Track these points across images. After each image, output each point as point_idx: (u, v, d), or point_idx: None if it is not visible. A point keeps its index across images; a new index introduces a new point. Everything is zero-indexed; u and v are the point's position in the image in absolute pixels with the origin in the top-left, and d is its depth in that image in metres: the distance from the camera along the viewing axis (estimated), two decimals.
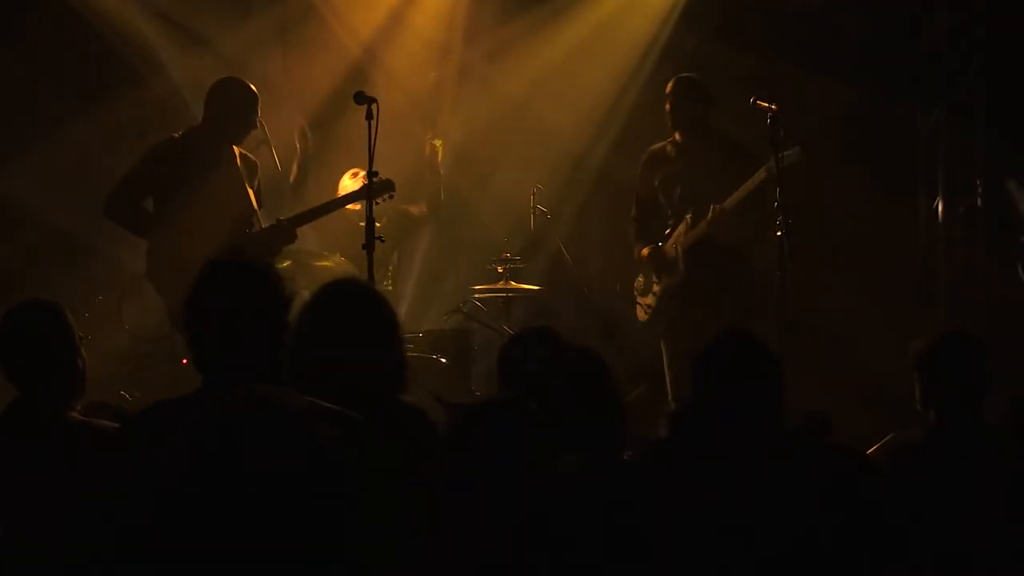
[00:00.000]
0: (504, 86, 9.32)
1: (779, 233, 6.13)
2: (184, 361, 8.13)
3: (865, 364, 7.94)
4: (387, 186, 6.70)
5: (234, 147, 6.79)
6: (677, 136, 7.12)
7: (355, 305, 3.75)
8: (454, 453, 3.25)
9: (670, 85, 7.16)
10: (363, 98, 6.01)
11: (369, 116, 5.96)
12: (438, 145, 8.42)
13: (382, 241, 6.17)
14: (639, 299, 7.46)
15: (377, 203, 6.38)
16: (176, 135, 6.83)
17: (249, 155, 6.89)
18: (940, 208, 8.53)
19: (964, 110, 8.45)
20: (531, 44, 9.31)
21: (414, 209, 8.36)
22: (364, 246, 6.00)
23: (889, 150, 8.55)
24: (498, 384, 4.31)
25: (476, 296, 8.26)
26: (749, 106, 6.43)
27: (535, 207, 8.34)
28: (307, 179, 7.98)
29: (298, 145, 8.12)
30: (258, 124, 6.81)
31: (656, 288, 7.25)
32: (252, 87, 6.82)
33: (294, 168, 8.01)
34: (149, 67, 9.16)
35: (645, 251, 7.23)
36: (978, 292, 8.35)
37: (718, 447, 3.60)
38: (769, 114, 6.33)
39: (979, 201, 8.38)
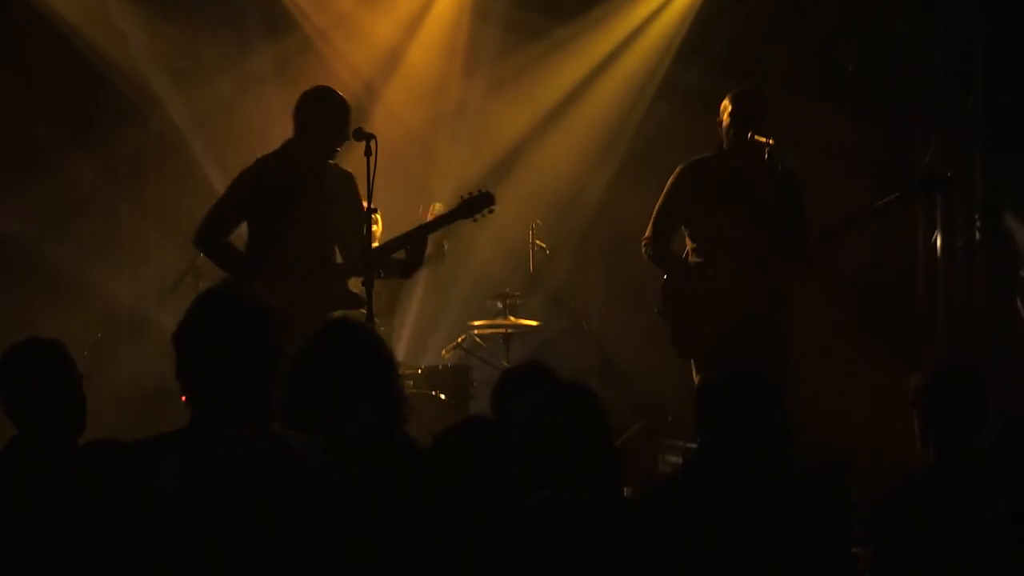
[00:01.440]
0: (503, 120, 9.38)
1: None
2: (184, 398, 8.15)
3: (863, 399, 7.96)
4: (486, 200, 6.21)
5: (328, 163, 6.26)
6: (737, 153, 6.46)
7: (351, 344, 3.81)
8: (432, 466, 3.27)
9: (737, 99, 6.50)
10: (362, 134, 6.00)
11: (368, 152, 5.95)
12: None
13: (381, 276, 6.19)
14: (680, 325, 6.58)
15: (475, 219, 6.20)
16: (266, 154, 6.35)
17: (346, 172, 6.28)
18: (939, 242, 8.56)
19: (963, 144, 8.49)
20: (530, 79, 9.38)
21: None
22: (363, 282, 6.01)
23: (887, 183, 8.58)
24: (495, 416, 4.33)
25: (475, 332, 8.29)
26: (747, 141, 6.44)
27: (534, 243, 8.37)
28: None
29: None
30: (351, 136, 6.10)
31: (708, 313, 6.44)
32: (341, 96, 6.31)
33: None
34: (147, 104, 9.22)
35: (705, 273, 6.47)
36: (978, 326, 8.38)
37: (721, 484, 3.63)
38: (767, 148, 6.36)
39: (977, 235, 8.41)
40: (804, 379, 6.56)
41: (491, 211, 6.23)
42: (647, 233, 6.64)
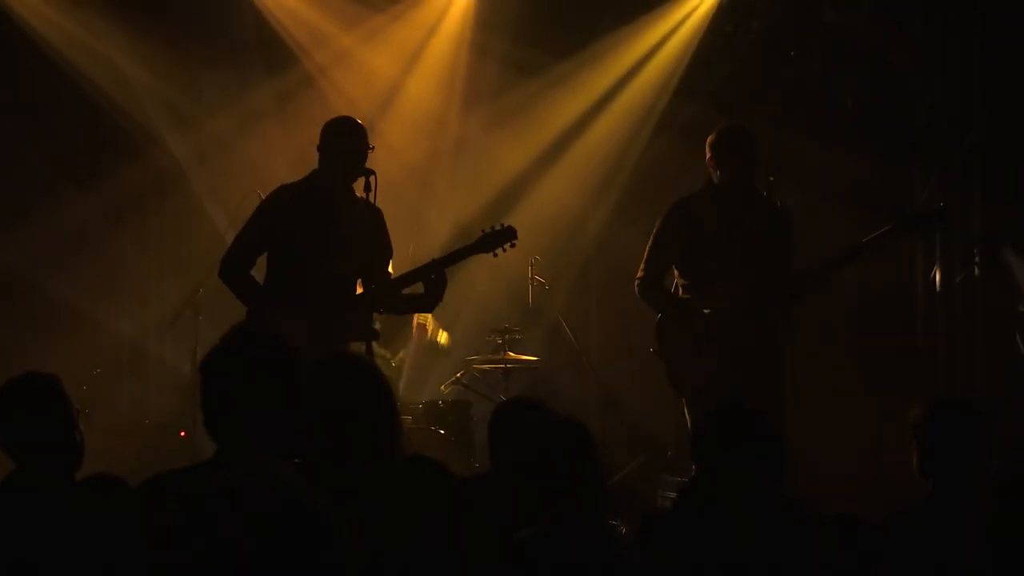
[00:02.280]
0: (502, 155, 9.41)
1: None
2: (182, 433, 8.18)
3: (862, 433, 7.96)
4: (508, 234, 6.18)
5: (356, 195, 6.17)
6: (727, 189, 6.45)
7: (353, 380, 3.83)
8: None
9: (726, 134, 6.49)
10: (361, 171, 6.05)
11: (367, 188, 5.99)
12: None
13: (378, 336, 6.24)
14: (673, 364, 6.54)
15: (495, 254, 6.17)
16: (288, 183, 6.33)
17: (375, 207, 6.14)
18: (938, 277, 8.57)
19: (963, 177, 8.51)
20: (528, 114, 9.41)
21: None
22: (361, 314, 6.03)
23: (886, 217, 8.59)
24: (489, 457, 4.35)
25: (475, 367, 8.29)
26: (740, 176, 6.46)
27: (533, 278, 8.39)
28: None
29: None
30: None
31: (701, 352, 6.42)
32: (359, 123, 6.27)
33: None
34: (147, 140, 9.27)
35: (696, 312, 6.42)
36: (977, 361, 8.38)
37: (716, 519, 3.64)
38: (765, 185, 6.39)
39: (977, 270, 8.42)
40: (802, 413, 6.56)
41: (513, 245, 6.19)
42: (639, 273, 6.61)
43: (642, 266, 6.61)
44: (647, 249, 6.62)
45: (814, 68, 8.87)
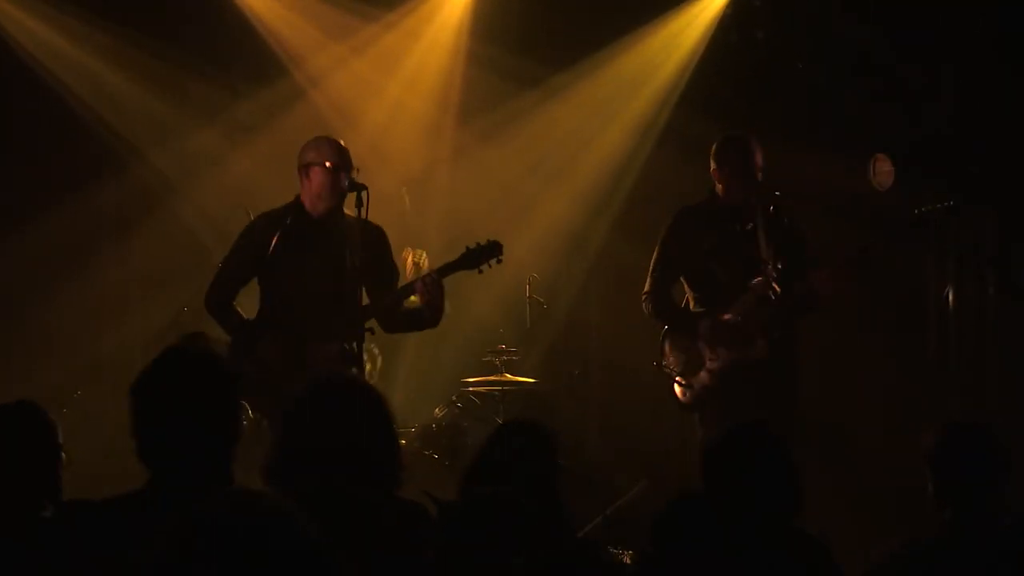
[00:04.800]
0: (498, 170, 9.38)
1: None
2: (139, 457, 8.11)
3: (874, 456, 7.93)
4: (494, 249, 6.08)
5: (346, 215, 6.16)
6: (735, 198, 6.49)
7: (348, 400, 3.78)
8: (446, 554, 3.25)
9: (727, 144, 6.54)
10: (353, 185, 6.02)
11: (359, 204, 5.96)
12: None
13: (372, 332, 6.17)
14: (682, 379, 6.57)
15: (481, 271, 6.10)
16: (271, 209, 6.36)
17: (373, 225, 6.17)
18: (951, 297, 8.54)
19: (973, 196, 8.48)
20: (526, 126, 9.39)
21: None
22: (355, 341, 5.98)
23: (895, 235, 8.58)
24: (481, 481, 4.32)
25: (470, 389, 8.25)
26: (746, 186, 6.46)
27: (531, 296, 8.35)
28: None
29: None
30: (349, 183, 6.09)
31: (712, 365, 6.48)
32: (338, 141, 6.29)
33: None
34: (130, 153, 9.22)
35: (707, 322, 6.45)
36: (990, 383, 8.35)
37: (725, 543, 3.60)
38: (772, 197, 6.39)
39: (991, 290, 8.39)
40: (810, 435, 6.55)
41: (499, 261, 6.12)
42: (646, 287, 6.61)
43: (649, 279, 6.62)
44: (653, 261, 6.63)
45: (821, 80, 8.86)
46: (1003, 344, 8.29)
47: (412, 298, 6.25)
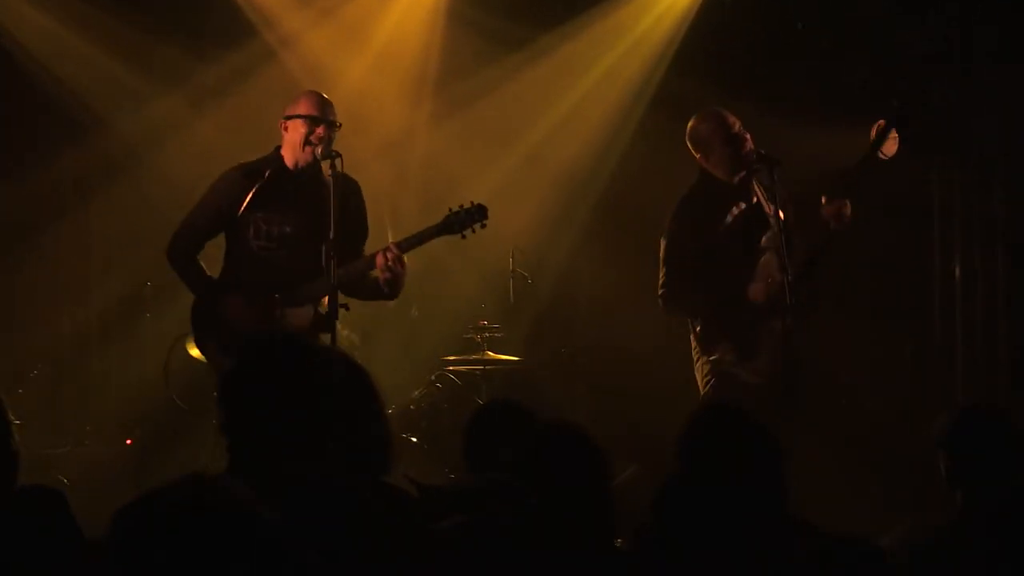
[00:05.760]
0: (480, 134, 9.32)
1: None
2: (129, 441, 8.10)
3: (879, 436, 7.93)
4: (478, 213, 6.12)
5: (325, 170, 6.12)
6: (728, 177, 6.43)
7: (334, 377, 3.64)
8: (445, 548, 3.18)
9: (701, 125, 6.48)
10: (328, 152, 6.00)
11: (334, 171, 5.93)
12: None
13: (347, 309, 6.12)
14: (739, 368, 6.37)
15: (464, 236, 6.12)
16: (249, 161, 6.35)
17: (351, 180, 6.22)
18: (958, 272, 8.53)
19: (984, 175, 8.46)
20: (510, 89, 9.31)
21: None
22: (327, 311, 5.94)
23: (900, 208, 8.55)
24: (465, 467, 4.27)
25: (450, 368, 8.23)
26: (749, 159, 6.41)
27: (515, 270, 8.32)
28: None
29: None
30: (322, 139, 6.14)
31: (766, 351, 6.32)
32: (321, 95, 6.33)
33: None
34: (92, 121, 9.13)
35: (759, 292, 6.27)
36: (1000, 362, 8.34)
37: (707, 534, 3.57)
38: (774, 167, 6.34)
39: (999, 267, 8.38)
40: (810, 413, 6.54)
41: (483, 226, 6.16)
42: (661, 283, 6.46)
43: (663, 275, 6.46)
44: (664, 255, 6.47)
45: (822, 45, 8.81)
46: (1015, 322, 8.28)
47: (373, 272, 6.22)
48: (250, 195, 6.17)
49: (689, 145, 6.48)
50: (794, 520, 3.72)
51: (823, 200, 6.29)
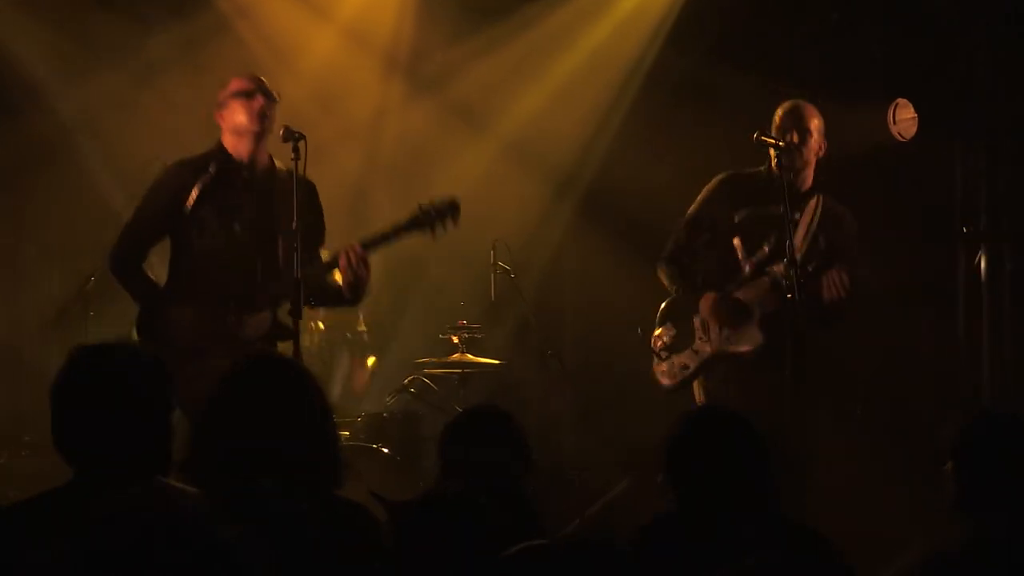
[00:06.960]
0: (457, 116, 9.35)
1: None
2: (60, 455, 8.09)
3: (897, 439, 8.00)
4: (449, 209, 6.21)
5: (278, 167, 6.30)
6: (785, 176, 6.49)
7: (277, 387, 3.76)
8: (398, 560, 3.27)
9: (789, 111, 6.71)
10: (289, 134, 6.03)
11: (296, 155, 5.98)
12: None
13: (312, 305, 6.18)
14: (669, 357, 6.76)
15: (434, 232, 6.17)
16: (189, 157, 6.39)
17: (305, 179, 6.14)
18: (983, 264, 8.59)
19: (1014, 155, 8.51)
20: (491, 66, 9.35)
21: None
22: (290, 312, 6.00)
23: (920, 195, 8.62)
24: (440, 474, 4.36)
25: (426, 372, 8.26)
26: (753, 141, 6.50)
27: (496, 264, 8.37)
28: None
29: None
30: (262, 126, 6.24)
31: (704, 346, 6.67)
32: (260, 79, 6.39)
33: None
34: (25, 97, 9.14)
35: (710, 297, 6.63)
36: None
37: (693, 542, 3.68)
38: (777, 153, 6.43)
39: None
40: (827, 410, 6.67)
41: (455, 222, 6.22)
42: (665, 251, 6.78)
43: (670, 242, 6.80)
44: (679, 223, 6.78)
45: (835, 15, 8.86)
46: None
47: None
48: (195, 191, 6.21)
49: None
50: (787, 522, 3.81)
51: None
